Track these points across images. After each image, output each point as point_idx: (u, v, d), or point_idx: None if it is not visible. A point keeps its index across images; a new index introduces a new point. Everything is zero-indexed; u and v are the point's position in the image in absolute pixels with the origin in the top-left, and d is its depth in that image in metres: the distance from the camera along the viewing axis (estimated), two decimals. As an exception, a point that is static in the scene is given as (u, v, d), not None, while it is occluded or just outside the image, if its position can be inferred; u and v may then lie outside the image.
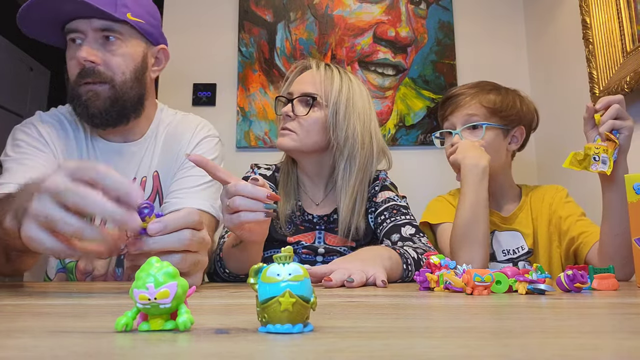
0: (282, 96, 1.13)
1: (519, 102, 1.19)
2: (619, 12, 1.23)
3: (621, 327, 0.28)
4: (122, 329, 0.26)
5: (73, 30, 0.89)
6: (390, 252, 0.87)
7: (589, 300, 0.48)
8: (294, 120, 1.06)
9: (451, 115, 1.19)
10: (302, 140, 1.06)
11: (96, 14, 0.87)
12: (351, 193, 1.07)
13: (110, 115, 0.90)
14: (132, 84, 0.93)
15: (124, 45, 0.92)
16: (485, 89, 1.19)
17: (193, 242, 0.53)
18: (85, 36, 0.89)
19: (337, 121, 1.06)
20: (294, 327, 0.25)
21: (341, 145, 1.07)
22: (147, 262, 0.28)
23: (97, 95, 0.89)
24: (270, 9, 1.88)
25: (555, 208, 1.14)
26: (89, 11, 0.87)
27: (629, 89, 1.17)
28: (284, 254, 0.27)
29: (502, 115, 1.16)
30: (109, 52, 0.90)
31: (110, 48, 0.90)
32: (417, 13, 1.86)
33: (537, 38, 1.79)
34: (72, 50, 0.90)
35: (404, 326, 0.30)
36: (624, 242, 0.86)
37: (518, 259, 1.13)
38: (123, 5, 0.90)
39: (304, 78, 1.11)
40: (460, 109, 1.17)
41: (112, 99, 0.90)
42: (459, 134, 1.15)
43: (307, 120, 1.06)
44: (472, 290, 0.55)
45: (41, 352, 0.20)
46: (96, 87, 0.89)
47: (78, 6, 0.85)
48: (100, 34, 0.89)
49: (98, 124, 0.91)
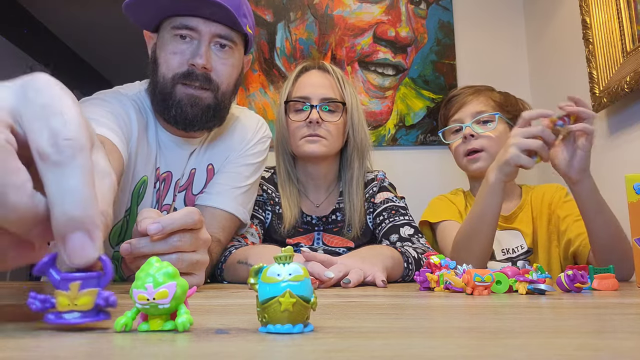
0: (298, 100, 1.09)
1: (519, 102, 1.24)
2: (619, 12, 1.23)
3: (621, 327, 0.28)
4: (122, 329, 0.26)
5: (187, 27, 0.85)
6: (392, 252, 0.87)
7: (589, 300, 0.48)
8: (321, 125, 1.06)
9: (459, 112, 1.20)
10: (331, 146, 1.08)
11: (225, 21, 0.84)
12: (362, 193, 1.11)
13: (204, 122, 0.87)
14: (230, 95, 0.91)
15: (234, 56, 0.89)
16: (488, 88, 1.24)
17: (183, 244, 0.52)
18: (199, 37, 0.85)
19: (354, 124, 1.10)
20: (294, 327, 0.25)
21: (358, 145, 1.11)
22: (147, 262, 0.28)
23: (199, 100, 0.85)
24: (270, 8, 1.88)
25: (555, 207, 1.14)
26: (220, 16, 0.83)
27: (629, 89, 1.17)
28: (284, 254, 0.27)
29: (508, 110, 1.19)
30: (220, 60, 0.87)
31: (223, 56, 0.87)
32: (417, 13, 1.86)
33: (537, 38, 1.79)
34: (178, 46, 0.85)
35: (404, 326, 0.30)
36: (611, 250, 0.87)
37: (517, 258, 1.13)
38: (244, 16, 0.87)
39: (317, 81, 1.10)
40: (468, 105, 1.19)
41: (212, 108, 0.87)
42: (471, 126, 1.16)
43: (333, 126, 1.08)
44: (472, 290, 0.55)
45: (41, 352, 0.20)
46: (200, 93, 0.85)
47: (214, 9, 0.81)
48: (216, 39, 0.86)
49: (188, 127, 0.87)
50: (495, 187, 0.91)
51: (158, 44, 0.89)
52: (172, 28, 0.86)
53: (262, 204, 1.10)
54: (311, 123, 1.05)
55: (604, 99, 1.29)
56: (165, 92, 0.85)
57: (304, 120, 1.07)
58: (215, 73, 0.86)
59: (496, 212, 0.93)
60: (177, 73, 0.85)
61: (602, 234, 0.89)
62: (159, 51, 0.88)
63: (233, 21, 0.84)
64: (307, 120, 1.06)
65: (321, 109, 1.07)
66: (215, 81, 0.86)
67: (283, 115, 1.11)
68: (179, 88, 0.85)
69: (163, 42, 0.87)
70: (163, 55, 0.86)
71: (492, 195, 0.92)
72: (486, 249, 0.96)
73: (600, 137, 1.35)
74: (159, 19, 0.89)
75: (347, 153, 1.14)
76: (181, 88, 0.85)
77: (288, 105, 1.11)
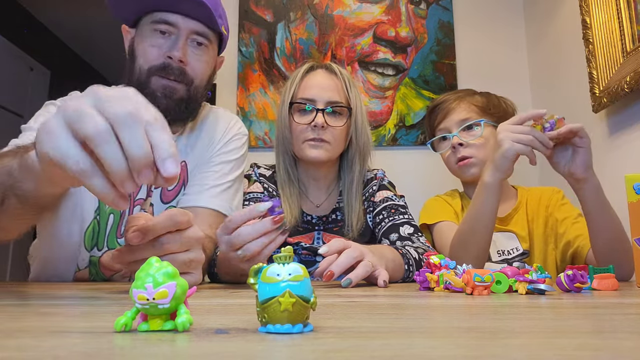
0: (301, 102, 1.07)
1: (501, 101, 1.24)
2: (619, 12, 1.23)
3: (621, 327, 0.28)
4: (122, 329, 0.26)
5: (166, 22, 0.88)
6: (394, 254, 0.86)
7: (589, 300, 0.48)
8: (326, 129, 1.04)
9: (444, 121, 1.21)
10: (334, 150, 1.07)
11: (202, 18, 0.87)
12: (361, 195, 1.11)
13: (176, 113, 0.90)
14: (203, 90, 0.94)
15: (208, 53, 0.93)
16: (469, 93, 1.24)
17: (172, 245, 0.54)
18: (178, 32, 0.88)
19: (357, 127, 1.08)
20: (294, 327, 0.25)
21: (361, 148, 1.09)
22: (146, 262, 0.28)
23: (173, 92, 0.88)
24: (270, 9, 1.88)
25: (552, 210, 1.14)
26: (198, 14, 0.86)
27: (629, 89, 1.17)
28: (283, 254, 0.27)
29: (492, 112, 1.19)
30: (196, 57, 0.90)
31: (198, 52, 0.91)
32: (417, 13, 1.86)
33: (537, 38, 1.79)
34: (157, 39, 0.88)
35: (404, 326, 0.30)
36: (612, 249, 0.87)
37: (513, 259, 1.13)
38: (219, 16, 0.91)
39: (323, 83, 1.08)
40: (452, 113, 1.20)
41: (185, 100, 0.90)
42: (457, 135, 1.16)
43: (338, 130, 1.06)
44: (472, 290, 0.55)
45: (41, 352, 0.20)
46: (174, 85, 0.88)
47: (194, 5, 0.84)
48: (193, 36, 0.89)
49: None
50: (492, 187, 0.91)
51: (136, 38, 0.91)
52: (152, 22, 0.88)
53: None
54: (316, 127, 1.04)
55: (604, 99, 1.29)
56: (141, 83, 0.87)
57: (309, 123, 1.05)
58: (190, 67, 0.89)
59: (493, 212, 0.93)
60: (154, 65, 0.87)
61: (605, 233, 0.88)
62: (137, 44, 0.90)
63: (210, 19, 0.87)
64: (312, 124, 1.04)
65: (326, 113, 1.05)
66: (190, 75, 0.89)
67: (286, 115, 1.08)
68: (154, 80, 0.87)
69: (142, 35, 0.90)
70: (141, 48, 0.89)
71: (489, 195, 0.92)
72: (484, 250, 0.96)
73: (600, 137, 1.35)
74: (139, 14, 0.91)
75: (348, 156, 1.12)
76: (156, 79, 0.87)
77: (292, 106, 1.08)
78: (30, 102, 3.24)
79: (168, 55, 0.87)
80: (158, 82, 0.87)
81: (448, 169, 1.24)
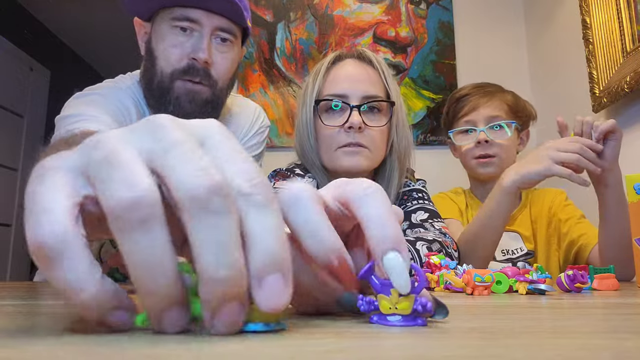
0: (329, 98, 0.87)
1: (527, 105, 1.22)
2: (619, 12, 1.24)
3: (621, 327, 0.28)
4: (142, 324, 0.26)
5: (188, 19, 0.81)
6: None
7: (589, 300, 0.48)
8: (364, 131, 0.85)
9: (472, 114, 1.16)
10: (375, 158, 0.89)
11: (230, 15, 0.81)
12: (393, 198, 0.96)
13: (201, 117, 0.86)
14: (227, 90, 0.89)
15: (234, 50, 0.87)
16: (499, 89, 1.20)
17: None
18: (201, 29, 0.82)
19: (398, 127, 0.92)
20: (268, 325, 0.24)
21: (401, 155, 0.92)
22: None
23: (197, 96, 0.83)
24: (270, 9, 1.88)
25: (555, 211, 1.14)
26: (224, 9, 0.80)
27: (629, 89, 1.17)
28: None
29: (519, 115, 1.17)
30: (221, 54, 0.84)
31: (224, 50, 0.85)
32: (417, 13, 1.86)
33: (537, 38, 1.79)
34: (178, 38, 0.82)
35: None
36: (623, 246, 0.87)
37: (517, 259, 1.13)
38: (245, 9, 0.84)
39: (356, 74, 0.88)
40: (482, 108, 1.15)
41: (210, 103, 0.84)
42: (485, 131, 1.13)
43: (378, 132, 0.87)
44: (472, 290, 0.55)
45: (41, 352, 0.20)
46: (198, 88, 0.83)
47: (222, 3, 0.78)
48: (217, 32, 0.83)
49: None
50: (510, 192, 0.88)
51: (154, 35, 0.86)
52: (172, 19, 0.82)
53: None
54: (351, 129, 0.84)
55: (604, 99, 1.29)
56: (164, 88, 0.83)
57: (341, 125, 0.86)
58: (214, 68, 0.84)
59: (505, 217, 0.91)
60: (177, 69, 0.82)
61: (617, 229, 0.87)
62: (156, 43, 0.85)
63: (237, 13, 0.81)
64: (345, 126, 0.85)
65: (363, 111, 0.85)
66: (214, 77, 0.85)
67: (311, 118, 0.89)
68: (178, 84, 0.83)
69: (161, 33, 0.84)
70: (161, 48, 0.83)
71: (504, 201, 0.89)
72: (490, 253, 0.95)
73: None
74: (157, 8, 0.85)
75: (386, 164, 0.93)
76: (180, 84, 0.83)
77: (319, 105, 0.88)
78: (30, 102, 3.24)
79: (192, 57, 0.81)
80: (182, 87, 0.82)
81: (461, 161, 1.23)
